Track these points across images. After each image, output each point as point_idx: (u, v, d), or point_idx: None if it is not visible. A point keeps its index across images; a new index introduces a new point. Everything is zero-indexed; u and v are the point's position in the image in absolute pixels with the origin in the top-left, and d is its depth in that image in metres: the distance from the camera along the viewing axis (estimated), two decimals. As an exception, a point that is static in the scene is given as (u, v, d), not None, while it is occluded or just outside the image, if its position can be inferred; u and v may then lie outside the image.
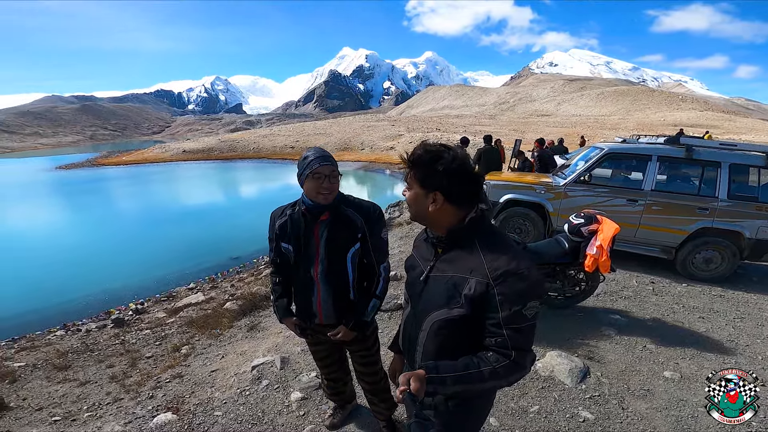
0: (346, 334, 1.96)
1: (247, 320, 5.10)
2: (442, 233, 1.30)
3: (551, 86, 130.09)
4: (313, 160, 1.77)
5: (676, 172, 5.60)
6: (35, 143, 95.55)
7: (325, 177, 1.76)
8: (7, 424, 3.30)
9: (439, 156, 1.22)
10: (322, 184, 1.76)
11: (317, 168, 1.75)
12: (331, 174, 1.77)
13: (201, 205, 20.36)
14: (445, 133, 37.18)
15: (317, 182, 1.76)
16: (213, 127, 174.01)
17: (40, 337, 6.59)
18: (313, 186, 1.77)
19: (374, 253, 1.93)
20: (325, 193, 1.78)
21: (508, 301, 1.15)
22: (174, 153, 39.73)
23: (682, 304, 4.49)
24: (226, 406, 2.89)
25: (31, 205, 21.09)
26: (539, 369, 3.11)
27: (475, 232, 1.26)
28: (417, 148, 1.26)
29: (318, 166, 1.75)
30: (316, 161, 1.76)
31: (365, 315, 1.96)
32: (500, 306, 1.15)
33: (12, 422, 3.37)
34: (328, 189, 1.78)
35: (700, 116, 58.35)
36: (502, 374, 1.16)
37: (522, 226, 5.96)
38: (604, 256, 3.44)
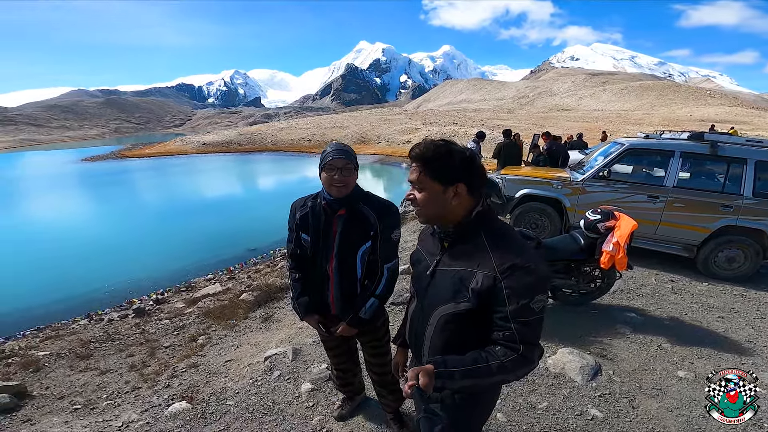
0: (344, 330, 1.99)
1: (262, 311, 5.20)
2: (449, 228, 1.30)
3: (572, 80, 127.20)
4: (329, 152, 1.80)
5: (700, 168, 5.45)
6: (62, 136, 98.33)
7: (338, 170, 1.78)
8: (29, 413, 3.41)
9: (449, 149, 1.23)
10: (334, 176, 1.78)
11: (330, 161, 1.78)
12: (344, 167, 1.78)
13: (220, 197, 20.70)
14: (462, 127, 36.81)
15: (330, 174, 1.79)
16: (232, 120, 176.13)
17: (65, 326, 6.82)
18: (327, 178, 1.80)
19: (381, 253, 1.93)
20: (338, 186, 1.80)
21: (515, 295, 1.15)
22: (195, 146, 40.39)
23: (702, 303, 4.37)
24: (238, 395, 2.96)
25: (58, 196, 21.78)
26: (549, 366, 3.08)
27: (482, 226, 1.26)
28: (423, 147, 1.24)
29: (331, 159, 1.78)
30: (330, 154, 1.79)
31: (363, 312, 1.96)
32: (508, 299, 1.16)
33: (34, 410, 3.48)
34: (341, 182, 1.79)
35: (728, 112, 56.24)
36: (510, 368, 1.16)
37: (538, 221, 5.89)
38: (621, 254, 3.38)
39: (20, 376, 4.31)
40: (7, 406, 3.43)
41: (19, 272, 10.09)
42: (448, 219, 1.29)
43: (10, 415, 3.36)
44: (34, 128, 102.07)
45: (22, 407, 3.52)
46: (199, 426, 2.67)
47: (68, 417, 3.21)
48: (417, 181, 1.26)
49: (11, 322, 7.27)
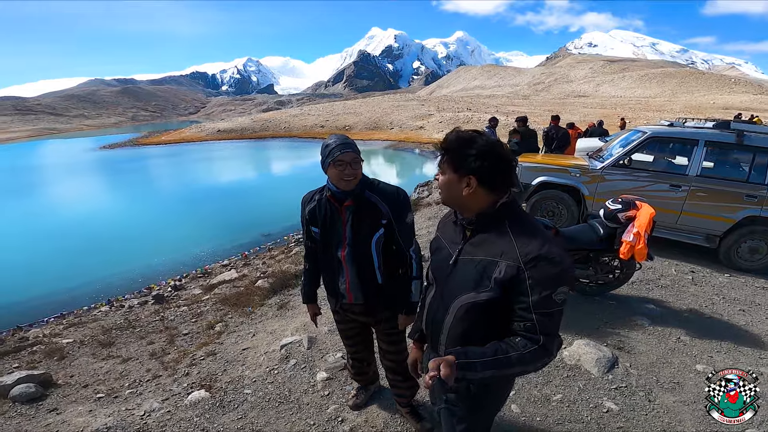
0: (405, 321, 2.06)
1: (277, 299, 5.25)
2: (472, 217, 1.30)
3: (590, 67, 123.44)
4: (335, 147, 1.81)
5: (724, 157, 5.29)
6: (80, 124, 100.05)
7: (347, 164, 1.80)
8: (54, 402, 3.47)
9: (472, 141, 1.24)
10: (344, 171, 1.80)
11: (338, 156, 1.79)
12: (352, 161, 1.81)
13: (235, 182, 20.92)
14: (476, 113, 36.30)
15: (340, 169, 1.80)
16: (246, 107, 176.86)
17: (87, 313, 6.98)
18: (336, 173, 1.82)
19: (401, 239, 1.95)
20: (348, 179, 1.82)
21: (539, 285, 1.16)
22: (209, 132, 40.69)
23: (723, 295, 4.28)
24: (255, 384, 3.02)
25: (79, 183, 22.29)
26: (565, 357, 3.05)
27: (506, 216, 1.27)
28: (450, 134, 1.29)
29: (339, 153, 1.79)
30: (337, 149, 1.80)
31: (412, 297, 2.01)
32: (531, 290, 1.16)
33: (60, 399, 3.54)
34: (351, 175, 1.82)
35: (753, 100, 54.19)
36: (529, 359, 1.18)
37: (555, 209, 5.81)
38: (641, 244, 3.30)
39: (45, 365, 4.41)
40: (33, 396, 3.47)
41: (41, 259, 10.33)
42: (467, 207, 1.30)
43: (36, 404, 3.40)
44: (54, 117, 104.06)
45: (48, 396, 3.57)
46: (217, 415, 2.73)
47: (92, 406, 3.28)
48: (441, 164, 1.32)
49: (35, 309, 7.42)
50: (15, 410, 3.30)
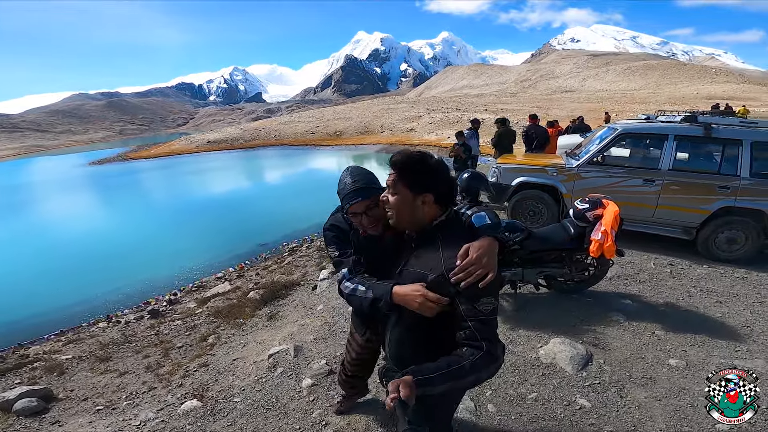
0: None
1: (267, 309, 5.35)
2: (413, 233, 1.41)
3: (574, 62, 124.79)
4: (348, 194, 1.61)
5: (695, 150, 5.43)
6: (68, 140, 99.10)
7: (361, 215, 1.59)
8: (56, 415, 3.66)
9: (423, 160, 1.33)
10: (360, 222, 1.62)
11: (349, 208, 1.61)
12: (366, 209, 1.58)
13: (228, 193, 20.88)
14: (465, 113, 36.48)
15: (356, 220, 1.63)
16: (235, 116, 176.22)
17: (85, 329, 7.06)
18: (355, 222, 1.65)
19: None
20: (369, 227, 1.61)
21: (463, 297, 1.25)
22: (199, 144, 40.53)
23: (700, 287, 4.31)
24: (244, 392, 3.12)
25: (70, 200, 22.09)
26: (541, 356, 3.15)
27: (439, 232, 1.36)
28: (398, 154, 1.36)
29: (348, 205, 1.60)
30: (346, 199, 1.61)
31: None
32: (458, 301, 1.26)
33: (61, 412, 3.72)
34: (369, 224, 1.61)
35: (736, 89, 54.97)
36: (480, 365, 1.24)
37: (536, 209, 5.94)
38: (609, 241, 3.42)
39: (46, 380, 4.59)
40: (36, 409, 3.68)
41: (40, 276, 10.36)
42: (415, 225, 1.39)
43: (39, 417, 3.60)
44: (40, 134, 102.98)
45: (49, 410, 3.76)
46: (208, 422, 2.84)
47: (92, 417, 3.44)
48: (392, 185, 1.37)
49: (35, 326, 7.49)
50: (19, 423, 3.47)
